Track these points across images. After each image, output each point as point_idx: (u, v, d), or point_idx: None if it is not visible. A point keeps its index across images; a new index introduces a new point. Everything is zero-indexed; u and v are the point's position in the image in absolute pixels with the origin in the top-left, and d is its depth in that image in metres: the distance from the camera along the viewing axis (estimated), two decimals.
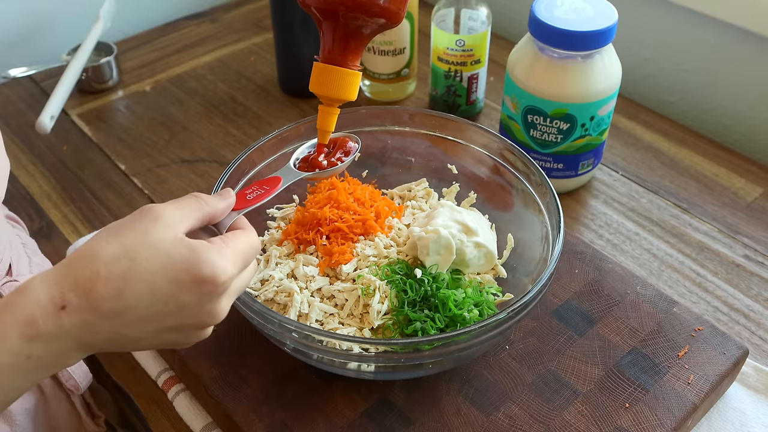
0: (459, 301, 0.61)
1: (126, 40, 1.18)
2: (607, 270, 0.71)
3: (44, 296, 0.42)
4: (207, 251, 0.45)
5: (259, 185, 0.57)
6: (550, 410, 0.60)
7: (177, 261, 0.44)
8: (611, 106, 0.81)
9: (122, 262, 0.43)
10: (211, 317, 0.47)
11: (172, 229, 0.45)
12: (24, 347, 0.42)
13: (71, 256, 0.44)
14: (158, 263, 0.44)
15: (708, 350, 0.64)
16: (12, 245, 0.67)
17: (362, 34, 0.57)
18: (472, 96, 0.97)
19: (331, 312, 0.63)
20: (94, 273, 0.43)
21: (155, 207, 0.46)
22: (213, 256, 0.45)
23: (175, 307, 0.45)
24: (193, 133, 0.99)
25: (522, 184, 0.69)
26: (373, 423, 0.59)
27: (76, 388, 0.65)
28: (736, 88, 0.97)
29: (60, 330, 0.42)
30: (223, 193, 0.53)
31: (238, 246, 0.48)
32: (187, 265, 0.44)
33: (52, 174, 0.93)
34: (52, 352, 0.43)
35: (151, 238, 0.44)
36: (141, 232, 0.45)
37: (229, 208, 0.52)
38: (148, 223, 0.45)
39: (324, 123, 0.60)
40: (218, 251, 0.46)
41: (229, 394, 0.61)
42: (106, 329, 0.44)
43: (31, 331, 0.42)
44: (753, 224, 0.84)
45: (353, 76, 0.58)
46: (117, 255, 0.44)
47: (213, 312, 0.47)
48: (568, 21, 0.76)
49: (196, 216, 0.48)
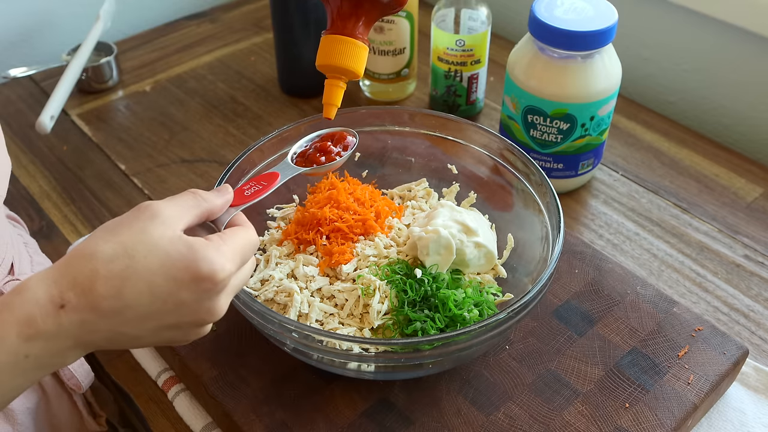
0: (459, 301, 0.61)
1: (126, 40, 1.18)
2: (607, 270, 0.71)
3: (43, 295, 0.42)
4: (205, 249, 0.45)
5: (257, 181, 0.56)
6: (550, 410, 0.60)
7: (175, 259, 0.44)
8: (611, 106, 0.81)
9: (121, 261, 0.43)
10: (209, 315, 0.47)
11: (170, 226, 0.45)
12: (23, 346, 0.42)
13: (69, 255, 0.44)
14: (157, 261, 0.44)
15: (708, 350, 0.64)
16: (14, 244, 0.67)
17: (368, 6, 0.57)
18: (472, 96, 0.97)
19: (331, 312, 0.63)
20: (93, 272, 0.43)
21: (152, 204, 0.46)
22: (211, 254, 0.45)
23: (174, 305, 0.45)
24: (193, 133, 0.99)
25: (522, 184, 0.69)
26: (373, 423, 0.59)
27: (78, 387, 0.65)
28: (736, 88, 0.97)
29: (59, 329, 0.42)
30: (221, 189, 0.53)
31: (236, 243, 0.48)
32: (185, 263, 0.44)
33: (52, 174, 0.93)
34: (50, 351, 0.43)
35: (149, 236, 0.44)
36: (139, 230, 0.44)
37: (226, 205, 0.52)
38: (146, 221, 0.45)
39: (330, 96, 0.60)
40: (216, 248, 0.46)
41: (229, 394, 0.61)
42: (105, 328, 0.44)
43: (30, 331, 0.42)
44: (753, 224, 0.84)
45: (360, 48, 0.58)
46: (115, 253, 0.43)
47: (212, 309, 0.47)
48: (568, 21, 0.76)
49: (194, 213, 0.48)
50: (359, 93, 1.05)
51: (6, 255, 0.64)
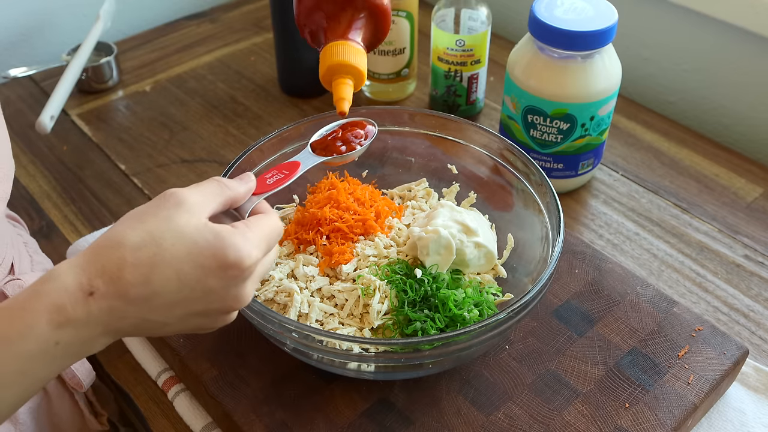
0: (459, 301, 0.61)
1: (126, 40, 1.18)
2: (607, 270, 0.71)
3: (72, 283, 0.43)
4: (232, 236, 0.45)
5: (279, 170, 0.57)
6: (550, 410, 0.60)
7: (203, 247, 0.45)
8: (611, 106, 0.81)
9: (148, 249, 0.44)
10: (236, 301, 0.47)
11: (196, 214, 0.46)
12: (53, 334, 0.42)
13: (96, 243, 0.45)
14: (184, 249, 0.44)
15: (708, 350, 0.64)
16: (14, 244, 0.67)
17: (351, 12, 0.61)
18: (472, 96, 0.97)
19: (331, 312, 0.63)
20: (121, 259, 0.43)
21: (177, 192, 0.46)
22: (238, 241, 0.45)
23: (202, 292, 0.45)
24: (193, 133, 0.99)
25: (522, 184, 0.69)
26: (373, 423, 0.59)
27: (80, 386, 0.65)
28: (736, 88, 0.97)
29: (89, 316, 0.43)
30: (244, 177, 0.53)
31: (262, 230, 0.48)
32: (213, 251, 0.45)
33: (52, 174, 0.93)
34: (80, 338, 0.43)
35: (176, 224, 0.45)
36: (165, 218, 0.45)
37: (249, 192, 0.52)
38: (171, 209, 0.45)
39: (339, 91, 0.61)
40: (243, 236, 0.46)
41: (229, 394, 0.61)
42: (133, 315, 0.44)
43: (60, 318, 0.42)
44: (753, 224, 0.84)
45: (358, 50, 0.60)
46: (143, 241, 0.44)
47: (239, 296, 0.47)
48: (568, 21, 0.76)
49: (218, 200, 0.49)
50: (359, 93, 1.05)
51: (6, 255, 0.64)
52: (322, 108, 1.02)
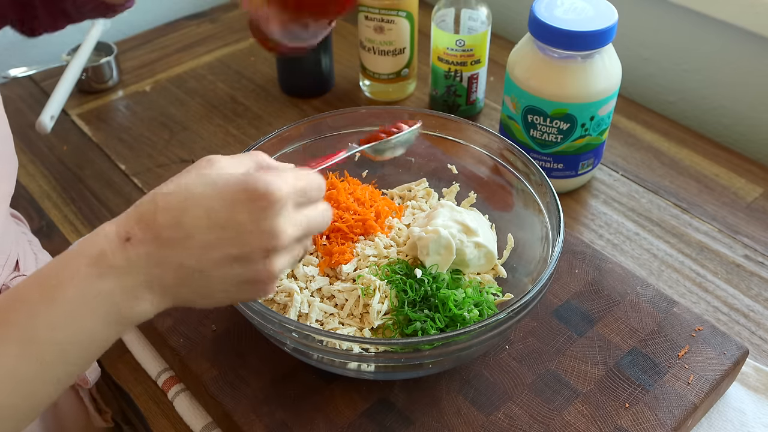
0: (459, 301, 0.61)
1: (126, 40, 1.18)
2: (607, 270, 0.71)
3: (112, 231, 0.45)
4: (265, 173, 0.46)
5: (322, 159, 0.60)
6: (550, 410, 0.60)
7: (232, 183, 0.45)
8: (611, 106, 0.81)
9: (179, 194, 0.45)
10: (272, 237, 0.46)
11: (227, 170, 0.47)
12: (95, 283, 0.43)
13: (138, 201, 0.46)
14: (214, 191, 0.45)
15: (708, 350, 0.64)
16: (18, 241, 0.67)
17: None
18: (472, 96, 0.97)
19: (331, 312, 0.63)
20: (154, 204, 0.45)
21: (212, 156, 0.48)
22: (269, 176, 0.46)
23: (234, 231, 0.45)
24: (193, 133, 0.99)
25: (522, 184, 0.69)
26: (373, 423, 0.59)
27: (85, 382, 0.65)
28: (736, 88, 0.97)
29: (128, 263, 0.44)
30: None
31: (297, 174, 0.48)
32: (242, 186, 0.45)
33: (52, 174, 0.93)
34: (122, 286, 0.44)
35: (207, 175, 0.46)
36: (197, 174, 0.46)
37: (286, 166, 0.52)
38: (204, 168, 0.47)
39: None
40: (276, 173, 0.47)
41: (229, 394, 0.61)
42: (169, 260, 0.45)
43: (101, 266, 0.43)
44: (753, 224, 0.84)
45: None
46: (175, 189, 0.46)
47: (273, 231, 0.45)
48: (568, 21, 0.76)
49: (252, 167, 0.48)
50: (359, 93, 1.05)
51: (11, 252, 0.64)
52: (322, 108, 1.02)
